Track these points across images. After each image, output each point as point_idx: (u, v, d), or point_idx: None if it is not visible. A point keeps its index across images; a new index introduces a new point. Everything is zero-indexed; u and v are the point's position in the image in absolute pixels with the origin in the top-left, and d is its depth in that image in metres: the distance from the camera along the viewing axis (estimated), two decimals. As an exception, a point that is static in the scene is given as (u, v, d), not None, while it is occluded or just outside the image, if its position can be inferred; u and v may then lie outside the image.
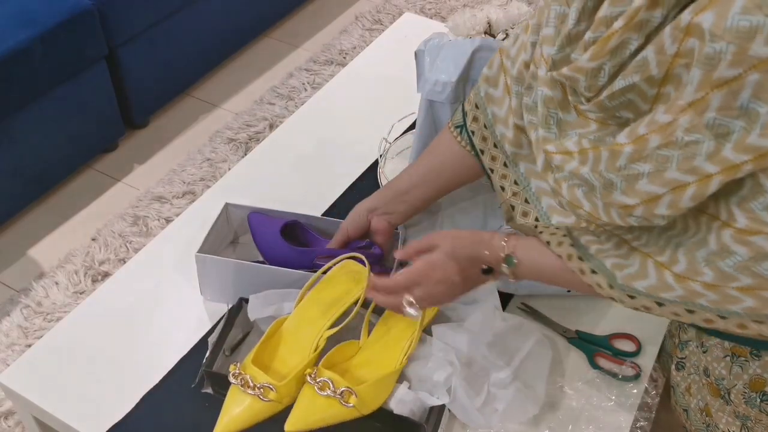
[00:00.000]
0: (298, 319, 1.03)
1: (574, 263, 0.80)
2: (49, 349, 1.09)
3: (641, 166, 0.64)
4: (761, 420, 0.89)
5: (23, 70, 2.00)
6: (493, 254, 0.85)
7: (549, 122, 0.73)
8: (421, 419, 0.96)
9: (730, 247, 0.63)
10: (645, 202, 0.65)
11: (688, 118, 0.59)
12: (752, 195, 0.60)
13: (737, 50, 0.54)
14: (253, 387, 0.94)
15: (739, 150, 0.58)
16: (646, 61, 0.60)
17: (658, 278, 0.71)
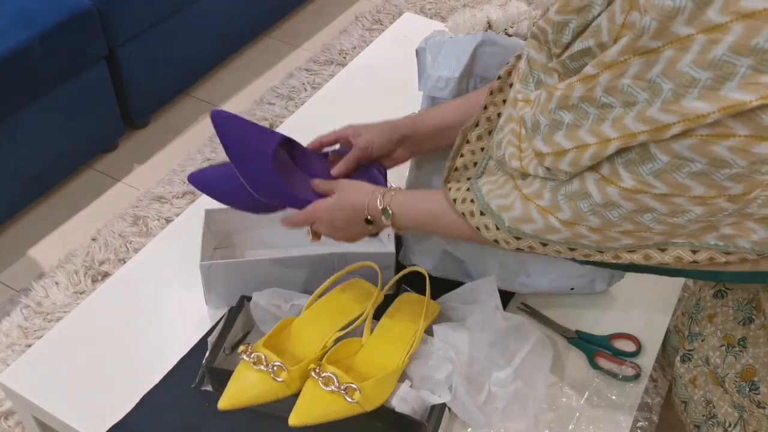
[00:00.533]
0: (307, 321, 1.04)
1: (466, 206, 0.85)
2: (49, 349, 1.09)
3: (565, 115, 0.69)
4: (753, 412, 0.90)
5: (23, 70, 2.00)
6: (372, 207, 0.94)
7: (528, 80, 0.77)
8: (423, 418, 0.96)
9: (617, 202, 0.69)
10: (554, 153, 0.71)
11: (608, 76, 0.63)
12: (641, 160, 0.65)
13: (659, 26, 0.58)
14: (266, 364, 0.94)
15: (639, 120, 0.62)
16: (600, 27, 0.64)
17: (544, 223, 0.76)
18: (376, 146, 1.03)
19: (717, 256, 0.72)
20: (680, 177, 0.63)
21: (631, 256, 0.76)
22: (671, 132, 0.60)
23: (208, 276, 1.09)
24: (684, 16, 0.57)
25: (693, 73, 0.58)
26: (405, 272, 1.10)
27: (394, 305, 1.08)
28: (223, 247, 1.22)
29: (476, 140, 0.93)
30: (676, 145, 0.61)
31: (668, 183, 0.64)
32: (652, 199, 0.67)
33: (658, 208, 0.67)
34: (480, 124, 0.93)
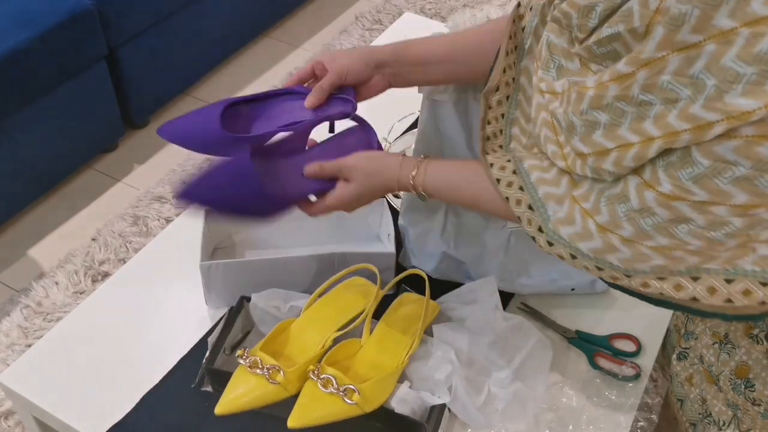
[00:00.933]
0: (306, 322, 1.04)
1: (513, 191, 0.81)
2: (49, 349, 1.09)
3: (600, 115, 0.65)
4: (748, 410, 0.90)
5: (23, 70, 2.00)
6: (403, 187, 0.91)
7: (549, 66, 0.74)
8: (422, 418, 0.96)
9: (652, 208, 0.66)
10: (596, 153, 0.68)
11: (645, 74, 0.60)
12: (681, 164, 0.62)
13: (701, 15, 0.55)
14: (262, 367, 0.94)
15: (682, 118, 0.59)
16: (631, 11, 0.61)
17: (583, 226, 0.73)
18: (351, 71, 0.97)
19: (754, 289, 0.67)
20: (721, 183, 0.60)
21: (661, 285, 0.71)
22: (714, 131, 0.58)
23: (208, 276, 1.09)
24: (728, 7, 0.54)
25: (737, 68, 0.55)
26: (405, 274, 1.10)
27: (393, 305, 1.08)
28: (223, 247, 1.22)
29: (497, 105, 0.89)
30: (719, 147, 0.58)
31: (708, 189, 0.61)
32: (689, 208, 0.64)
33: (695, 218, 0.64)
34: (500, 88, 0.89)
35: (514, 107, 0.89)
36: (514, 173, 0.82)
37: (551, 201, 0.77)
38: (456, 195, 0.91)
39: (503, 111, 0.89)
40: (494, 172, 0.84)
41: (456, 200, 0.93)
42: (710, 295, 0.70)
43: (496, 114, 0.89)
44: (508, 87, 0.89)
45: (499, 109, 0.90)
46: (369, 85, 1.00)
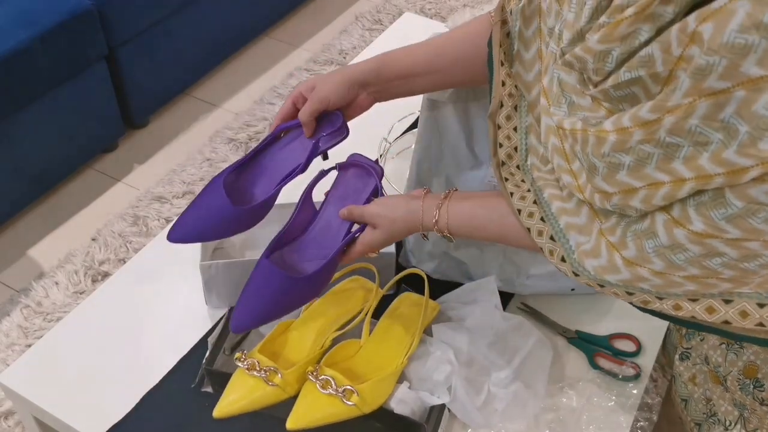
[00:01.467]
0: (305, 323, 1.04)
1: (535, 222, 0.81)
2: (49, 349, 1.09)
3: (623, 157, 0.65)
4: (755, 410, 0.89)
5: (23, 70, 2.00)
6: (426, 228, 0.91)
7: (560, 102, 0.74)
8: (422, 419, 0.96)
9: (684, 245, 0.65)
10: (622, 192, 0.67)
11: (673, 119, 0.60)
12: (713, 204, 0.61)
13: (729, 65, 0.55)
14: (260, 369, 0.94)
15: (715, 162, 0.59)
16: (652, 57, 0.60)
17: (609, 259, 0.72)
18: (334, 97, 0.96)
19: None
20: (756, 222, 0.60)
21: (693, 307, 0.72)
22: (749, 176, 0.57)
23: (208, 276, 1.09)
24: (756, 55, 0.53)
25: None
26: (404, 274, 1.10)
27: (393, 305, 1.08)
28: (222, 247, 1.21)
29: (506, 121, 0.88)
30: (753, 190, 0.58)
31: (742, 228, 0.61)
32: (722, 244, 0.63)
33: (729, 252, 0.63)
34: (504, 103, 0.88)
35: (525, 113, 0.88)
36: (535, 203, 0.82)
37: (573, 231, 0.77)
38: (482, 234, 0.91)
39: (515, 124, 0.88)
40: (515, 202, 0.84)
41: (483, 238, 0.92)
42: (742, 318, 0.70)
43: (508, 132, 0.88)
44: (512, 98, 0.88)
45: (509, 124, 0.88)
46: (354, 105, 0.99)
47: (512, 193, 0.85)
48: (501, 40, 0.88)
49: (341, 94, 0.96)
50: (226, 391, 0.95)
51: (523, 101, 0.88)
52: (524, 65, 0.86)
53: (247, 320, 0.91)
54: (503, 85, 0.88)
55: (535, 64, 0.85)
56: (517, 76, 0.87)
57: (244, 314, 0.91)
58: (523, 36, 0.86)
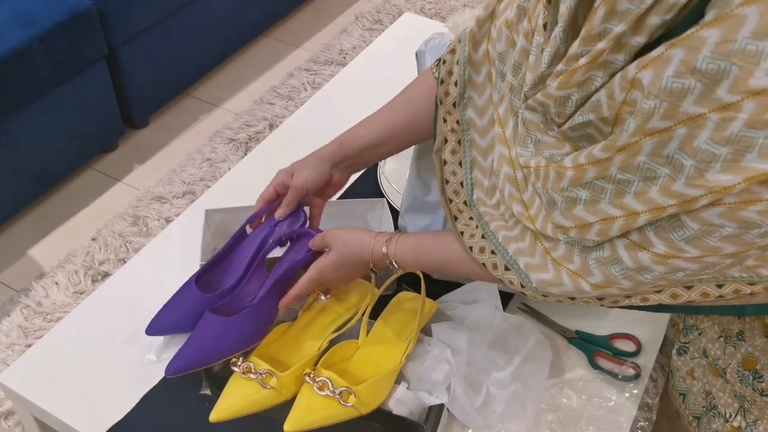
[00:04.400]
0: (302, 325, 1.04)
1: (486, 256, 0.86)
2: (49, 349, 1.09)
3: (580, 192, 0.70)
4: (756, 401, 0.90)
5: (23, 70, 2.00)
6: (377, 259, 0.95)
7: (527, 142, 0.78)
8: (420, 419, 0.96)
9: (649, 267, 0.70)
10: (578, 227, 0.72)
11: (622, 157, 0.64)
12: (671, 228, 0.66)
13: (669, 106, 0.59)
14: (256, 372, 0.94)
15: (665, 194, 0.63)
16: (599, 102, 0.65)
17: (574, 286, 0.77)
18: (311, 181, 1.04)
19: (742, 288, 0.73)
20: (712, 241, 0.65)
21: (659, 297, 0.77)
22: (700, 203, 0.62)
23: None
24: (693, 96, 0.58)
25: (712, 149, 0.59)
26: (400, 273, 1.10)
27: (390, 305, 1.08)
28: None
29: (451, 156, 0.93)
30: (706, 215, 0.63)
31: (700, 247, 0.66)
32: (684, 262, 0.68)
33: (690, 267, 0.69)
34: (448, 138, 0.93)
35: (469, 148, 0.92)
36: (483, 237, 0.86)
37: (521, 256, 0.82)
38: (427, 258, 0.94)
39: (459, 158, 0.92)
40: (465, 240, 0.88)
41: (427, 264, 0.95)
42: (703, 298, 0.75)
43: (453, 168, 0.93)
44: (455, 133, 0.92)
45: (454, 158, 0.93)
46: (331, 185, 1.07)
47: (462, 232, 0.89)
48: (441, 79, 0.94)
49: (316, 176, 1.04)
50: (222, 395, 0.95)
51: (466, 136, 0.92)
52: (476, 89, 0.91)
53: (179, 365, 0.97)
54: (444, 122, 0.93)
55: (486, 88, 0.90)
56: (470, 101, 0.91)
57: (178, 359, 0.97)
58: (472, 60, 0.91)
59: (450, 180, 0.93)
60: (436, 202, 1.12)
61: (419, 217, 1.14)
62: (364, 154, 1.04)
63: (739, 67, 0.55)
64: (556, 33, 0.70)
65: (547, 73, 0.71)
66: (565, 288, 0.78)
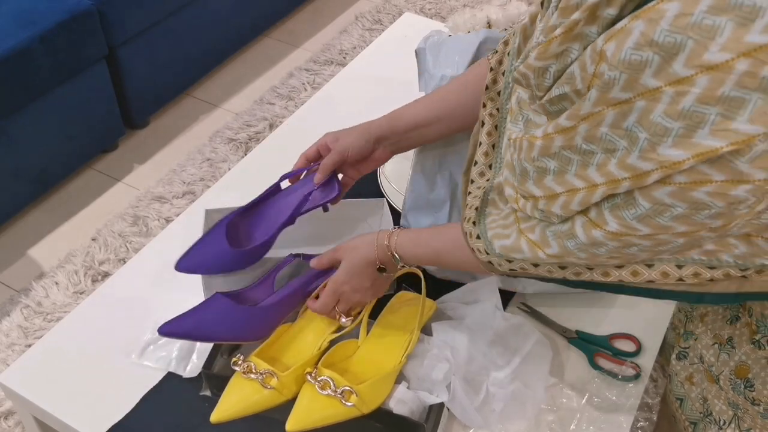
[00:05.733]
0: (302, 325, 1.04)
1: (468, 226, 0.87)
2: (49, 349, 1.09)
3: (549, 162, 0.71)
4: (748, 410, 0.90)
5: (23, 70, 2.00)
6: (381, 254, 0.96)
7: (518, 119, 0.79)
8: (421, 418, 0.96)
9: (602, 242, 0.72)
10: (546, 197, 0.73)
11: (586, 126, 0.65)
12: (625, 206, 0.67)
13: (629, 78, 0.60)
14: (256, 372, 0.94)
15: (621, 167, 0.64)
16: (573, 75, 0.66)
17: (532, 254, 0.79)
18: (353, 149, 1.04)
19: (702, 271, 0.74)
20: (663, 220, 0.66)
21: (620, 272, 0.78)
22: (651, 178, 0.63)
23: (209, 283, 1.09)
24: (651, 69, 0.58)
25: (665, 123, 0.59)
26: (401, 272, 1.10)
27: (389, 305, 1.08)
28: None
29: (487, 137, 0.93)
30: (657, 193, 0.64)
31: (651, 226, 0.67)
32: (636, 239, 0.70)
33: (643, 243, 0.70)
34: (485, 122, 0.93)
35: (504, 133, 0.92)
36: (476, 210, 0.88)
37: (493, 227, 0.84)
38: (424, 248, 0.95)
39: (493, 141, 0.93)
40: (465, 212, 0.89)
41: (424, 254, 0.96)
42: (663, 278, 0.77)
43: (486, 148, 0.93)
44: (492, 117, 0.93)
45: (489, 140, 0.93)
46: (372, 159, 1.07)
47: (467, 204, 0.91)
48: (493, 65, 0.95)
49: (360, 146, 1.04)
50: (223, 395, 0.95)
51: (503, 123, 0.92)
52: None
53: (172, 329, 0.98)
54: (484, 107, 0.94)
55: None
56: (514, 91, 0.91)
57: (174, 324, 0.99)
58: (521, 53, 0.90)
59: (479, 161, 0.93)
60: (440, 200, 1.12)
61: (423, 216, 1.14)
62: (412, 132, 1.04)
63: (695, 41, 0.56)
64: (551, 7, 0.70)
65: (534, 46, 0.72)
66: (524, 255, 0.80)
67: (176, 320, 0.99)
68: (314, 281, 1.07)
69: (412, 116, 1.04)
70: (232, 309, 1.00)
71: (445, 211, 1.12)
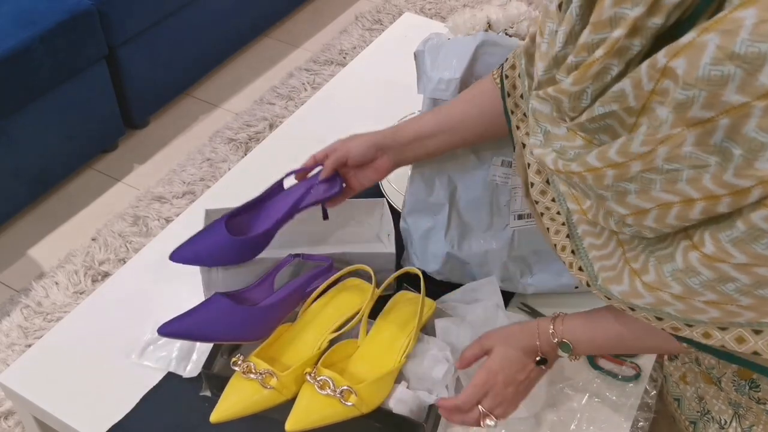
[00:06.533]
0: (302, 325, 1.04)
1: (566, 255, 0.83)
2: (49, 349, 1.09)
3: (628, 185, 0.65)
4: (751, 408, 0.90)
5: (23, 70, 2.00)
6: (545, 342, 0.89)
7: (536, 131, 0.75)
8: (420, 418, 0.96)
9: (697, 269, 0.65)
10: (634, 213, 0.67)
11: (667, 149, 0.60)
12: (722, 226, 0.62)
13: (709, 95, 0.55)
14: (256, 372, 0.94)
15: (716, 183, 0.59)
16: (624, 93, 0.61)
17: (631, 286, 0.73)
18: (355, 152, 1.05)
19: None
20: (759, 248, 0.60)
21: (723, 335, 0.71)
22: (753, 196, 0.58)
23: (209, 275, 1.09)
24: (734, 84, 0.54)
25: (760, 138, 0.55)
26: (400, 272, 1.10)
27: (389, 304, 1.08)
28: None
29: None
30: (754, 215, 0.59)
31: (747, 253, 0.61)
32: (731, 269, 0.63)
33: (740, 278, 0.63)
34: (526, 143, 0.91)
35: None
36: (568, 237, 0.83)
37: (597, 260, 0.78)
38: (603, 333, 0.88)
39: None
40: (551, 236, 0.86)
41: (603, 340, 0.89)
42: None
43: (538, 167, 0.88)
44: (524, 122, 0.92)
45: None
46: (374, 166, 1.06)
47: (548, 228, 0.87)
48: (508, 90, 0.94)
49: (362, 151, 1.05)
50: (223, 395, 0.95)
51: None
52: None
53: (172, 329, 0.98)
54: (518, 129, 0.93)
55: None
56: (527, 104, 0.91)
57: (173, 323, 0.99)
58: (530, 73, 0.90)
59: (535, 181, 0.89)
60: (438, 204, 1.12)
61: (422, 219, 1.14)
62: (414, 143, 1.04)
63: None
64: (571, 9, 0.66)
65: (561, 54, 0.68)
66: (623, 288, 0.74)
67: (176, 320, 0.99)
68: (313, 282, 1.07)
69: (415, 127, 1.05)
70: (231, 309, 1.00)
71: (444, 213, 1.12)
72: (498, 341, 0.92)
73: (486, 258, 1.12)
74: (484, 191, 1.10)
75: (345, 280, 1.10)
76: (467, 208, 1.11)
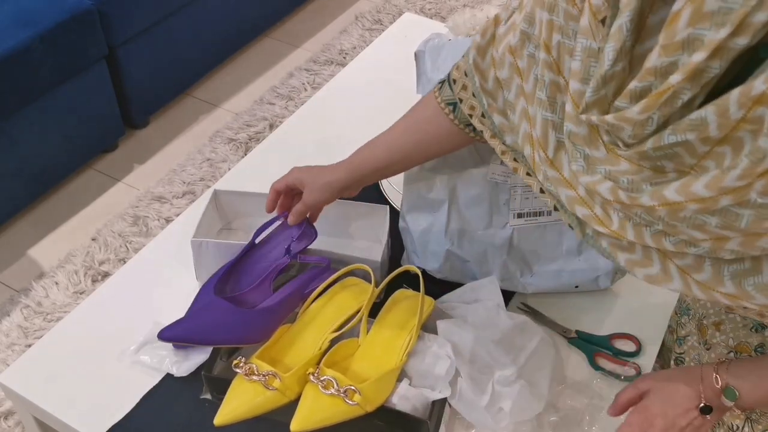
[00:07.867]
0: (302, 326, 1.04)
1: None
2: (49, 349, 1.09)
3: (709, 218, 0.62)
4: (765, 412, 0.89)
5: (23, 70, 2.00)
6: (708, 387, 0.84)
7: (575, 157, 0.71)
8: (424, 415, 0.96)
9: None
10: (714, 239, 0.63)
11: (764, 182, 0.57)
12: None
13: None
14: (259, 374, 0.94)
15: None
16: (705, 121, 0.57)
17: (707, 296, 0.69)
18: (320, 203, 1.07)
19: None
20: None
21: None
22: None
23: (199, 254, 1.10)
24: None
25: None
26: (398, 272, 1.10)
27: (388, 303, 1.08)
28: (229, 229, 1.22)
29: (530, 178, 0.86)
30: None
31: None
32: None
33: None
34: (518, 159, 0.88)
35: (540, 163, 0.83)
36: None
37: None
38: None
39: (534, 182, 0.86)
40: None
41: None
42: None
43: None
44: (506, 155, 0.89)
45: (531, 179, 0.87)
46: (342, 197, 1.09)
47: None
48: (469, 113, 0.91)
49: (325, 200, 1.06)
50: (226, 398, 0.95)
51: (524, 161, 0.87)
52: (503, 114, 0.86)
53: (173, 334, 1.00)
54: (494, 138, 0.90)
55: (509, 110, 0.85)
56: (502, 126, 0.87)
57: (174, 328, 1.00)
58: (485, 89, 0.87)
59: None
60: (438, 200, 1.12)
61: (421, 217, 1.14)
62: (374, 174, 1.05)
63: None
64: (621, 24, 0.61)
65: (611, 72, 0.64)
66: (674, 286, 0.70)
67: (176, 325, 0.99)
68: (312, 282, 1.07)
69: (370, 163, 1.04)
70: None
71: (443, 211, 1.12)
72: (655, 384, 0.87)
73: (485, 256, 1.12)
74: (483, 189, 1.10)
75: (344, 280, 1.10)
76: (467, 205, 1.11)
